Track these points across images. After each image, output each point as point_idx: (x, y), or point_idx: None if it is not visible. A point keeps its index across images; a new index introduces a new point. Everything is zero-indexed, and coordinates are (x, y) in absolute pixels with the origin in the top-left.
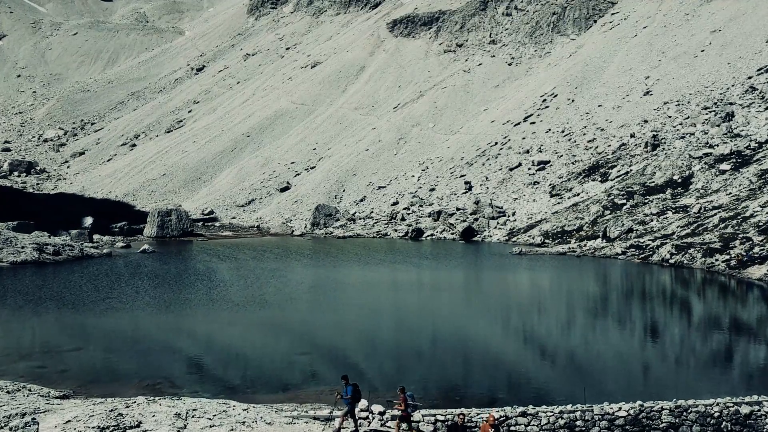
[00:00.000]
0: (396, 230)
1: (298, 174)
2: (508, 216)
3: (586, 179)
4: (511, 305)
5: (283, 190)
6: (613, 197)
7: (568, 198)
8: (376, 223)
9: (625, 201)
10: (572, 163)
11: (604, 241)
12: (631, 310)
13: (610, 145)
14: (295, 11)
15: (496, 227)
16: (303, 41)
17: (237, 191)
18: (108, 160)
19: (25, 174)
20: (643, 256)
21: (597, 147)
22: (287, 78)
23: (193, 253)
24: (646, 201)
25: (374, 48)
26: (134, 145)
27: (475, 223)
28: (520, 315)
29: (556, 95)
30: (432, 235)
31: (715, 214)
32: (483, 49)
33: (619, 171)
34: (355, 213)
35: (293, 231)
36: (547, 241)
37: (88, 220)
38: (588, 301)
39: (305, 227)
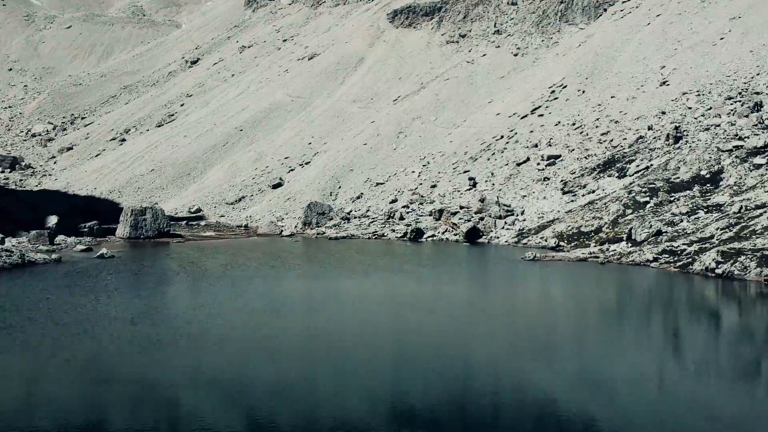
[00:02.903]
0: (394, 230)
1: (292, 170)
2: (517, 215)
3: (602, 175)
4: (539, 333)
5: (275, 186)
6: (634, 195)
7: (583, 195)
8: (372, 222)
9: (648, 199)
10: (585, 157)
11: (630, 244)
12: (683, 339)
13: (625, 138)
14: (292, 3)
15: (503, 227)
16: (300, 33)
17: (227, 188)
18: (96, 156)
19: (9, 170)
20: (680, 264)
21: (612, 140)
22: (283, 70)
23: (159, 259)
24: (672, 199)
25: (374, 39)
26: (124, 140)
27: (480, 222)
28: (553, 346)
29: (565, 86)
30: (433, 235)
31: (761, 214)
32: (487, 40)
33: (638, 166)
34: (350, 211)
35: (282, 231)
36: (562, 243)
37: (52, 220)
38: (630, 326)
39: (295, 227)
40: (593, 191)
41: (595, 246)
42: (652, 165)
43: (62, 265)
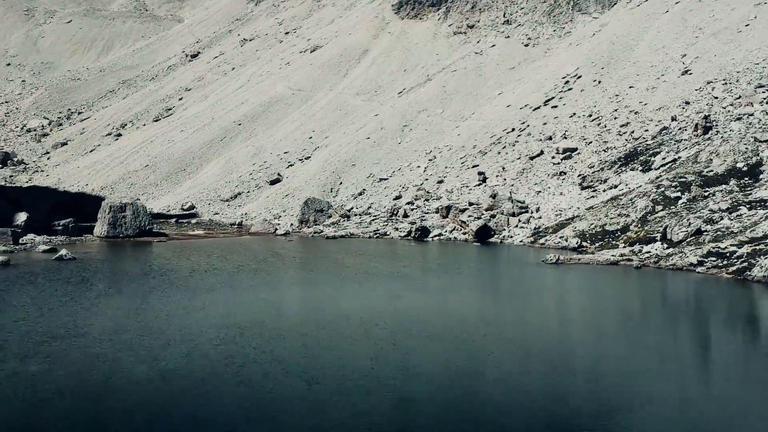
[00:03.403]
0: (397, 229)
1: (291, 165)
2: (532, 212)
3: (624, 168)
4: (581, 365)
5: (273, 182)
6: (663, 189)
7: (604, 191)
8: (374, 220)
9: (679, 194)
10: (604, 150)
11: (665, 245)
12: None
13: (647, 130)
14: None
15: (517, 225)
16: (303, 25)
17: (223, 184)
18: (91, 151)
19: (0, 165)
20: (734, 269)
21: (632, 132)
22: (285, 63)
23: (127, 262)
24: (707, 194)
25: (378, 31)
26: (119, 135)
27: (491, 220)
28: (601, 381)
29: (579, 76)
30: (440, 234)
31: None
32: (496, 30)
33: (664, 159)
34: (351, 208)
35: (276, 230)
36: (585, 243)
37: (21, 217)
38: (693, 351)
39: (290, 225)
40: (615, 186)
41: (624, 246)
42: (679, 157)
43: (5, 269)
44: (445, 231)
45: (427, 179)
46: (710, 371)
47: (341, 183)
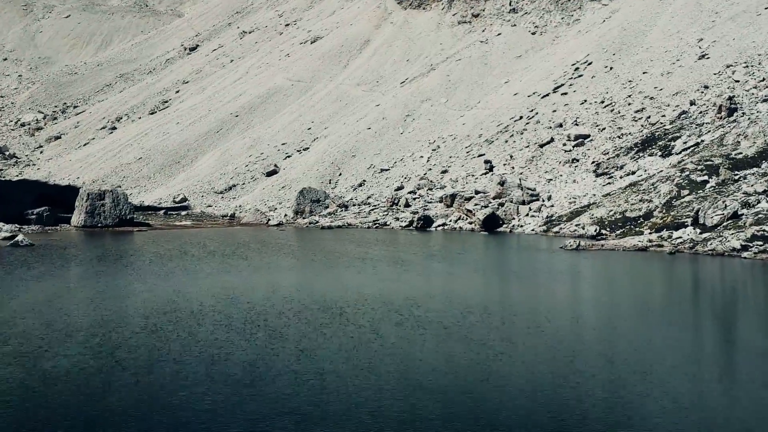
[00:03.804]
0: (398, 219)
1: (289, 156)
2: (543, 200)
3: (641, 154)
4: (632, 362)
5: (269, 174)
6: (688, 173)
7: (621, 177)
8: (373, 210)
9: (706, 177)
10: (618, 136)
11: (697, 229)
12: None
13: (664, 115)
14: None
15: (528, 214)
16: (304, 17)
17: (218, 176)
18: (84, 145)
19: None
20: None
21: (649, 117)
22: (284, 55)
23: (90, 250)
24: (737, 177)
25: (380, 21)
26: (114, 128)
27: (500, 209)
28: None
29: (590, 63)
30: (444, 224)
31: None
32: (502, 19)
33: (685, 143)
34: (351, 199)
35: (269, 220)
36: (604, 231)
37: None
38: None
39: (284, 216)
40: (633, 172)
41: (650, 233)
42: (702, 141)
43: None
44: (450, 221)
45: (430, 169)
46: None
47: (340, 174)
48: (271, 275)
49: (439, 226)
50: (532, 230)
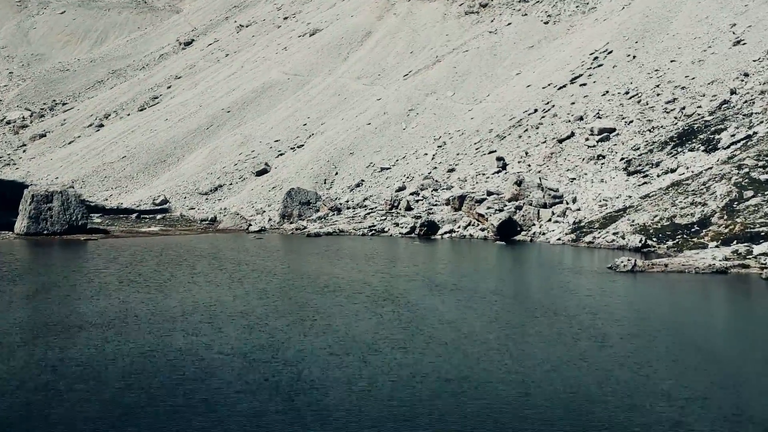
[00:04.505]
0: (398, 224)
1: (282, 154)
2: (568, 203)
3: (680, 149)
4: None
5: (259, 173)
6: (748, 170)
7: (659, 176)
8: (369, 214)
9: None
10: (649, 130)
11: None
12: None
13: (700, 106)
14: None
15: (551, 219)
16: (303, 10)
17: (204, 176)
18: (69, 143)
19: None
20: None
21: (683, 108)
22: (282, 48)
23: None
24: None
25: (383, 12)
26: (101, 126)
27: (517, 213)
28: None
29: (610, 51)
30: (451, 231)
31: None
32: (512, 8)
33: (733, 135)
34: (347, 201)
35: (249, 226)
36: (651, 242)
37: None
38: None
39: (268, 221)
40: (672, 170)
41: (716, 245)
42: (755, 133)
43: None
44: (458, 227)
45: (435, 168)
46: None
47: (337, 174)
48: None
49: (445, 233)
50: (558, 239)
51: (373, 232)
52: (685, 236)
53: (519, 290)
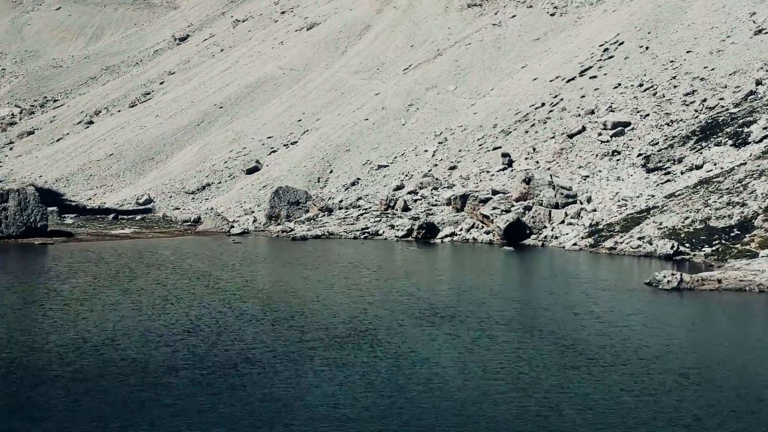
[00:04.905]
0: (393, 227)
1: (274, 151)
2: (582, 203)
3: (705, 144)
4: None
5: (250, 171)
6: None
7: (682, 172)
8: (363, 215)
9: None
10: (667, 124)
11: None
12: None
13: (723, 98)
14: None
15: (564, 221)
16: (301, 4)
17: (192, 174)
18: (58, 140)
19: None
20: None
21: (704, 101)
22: (278, 43)
23: None
24: None
25: (382, 5)
26: (91, 123)
27: (526, 214)
28: None
29: (621, 43)
30: (453, 234)
31: None
32: (517, 0)
33: (765, 128)
34: (341, 201)
35: (231, 228)
36: (683, 248)
37: None
38: None
39: (253, 222)
40: (698, 166)
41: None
42: None
43: None
44: (460, 229)
45: (436, 165)
46: None
47: (331, 172)
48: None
49: (446, 236)
50: (574, 244)
51: (366, 234)
52: (724, 242)
53: (540, 320)
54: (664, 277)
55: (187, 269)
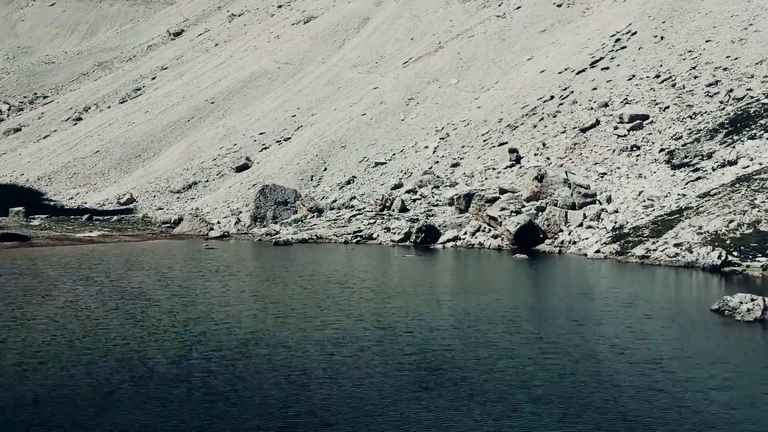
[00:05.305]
0: (389, 229)
1: (266, 148)
2: (602, 203)
3: (736, 137)
4: None
5: (239, 169)
6: None
7: (714, 169)
8: (355, 216)
9: None
10: (690, 116)
11: None
12: None
13: (750, 88)
14: None
15: (582, 224)
16: None
17: (179, 172)
18: (45, 137)
19: None
20: None
21: (731, 91)
22: (274, 36)
23: None
24: None
25: None
26: (79, 119)
27: (539, 216)
28: None
29: (634, 33)
30: (456, 239)
31: None
32: None
33: None
34: (335, 200)
35: (210, 230)
36: (732, 257)
37: None
38: None
39: (235, 224)
40: (732, 162)
41: None
42: None
43: None
44: (465, 233)
45: (437, 162)
46: None
47: (326, 169)
48: None
49: (448, 241)
50: (597, 251)
51: (359, 238)
52: None
53: (588, 386)
54: (741, 302)
55: (119, 286)
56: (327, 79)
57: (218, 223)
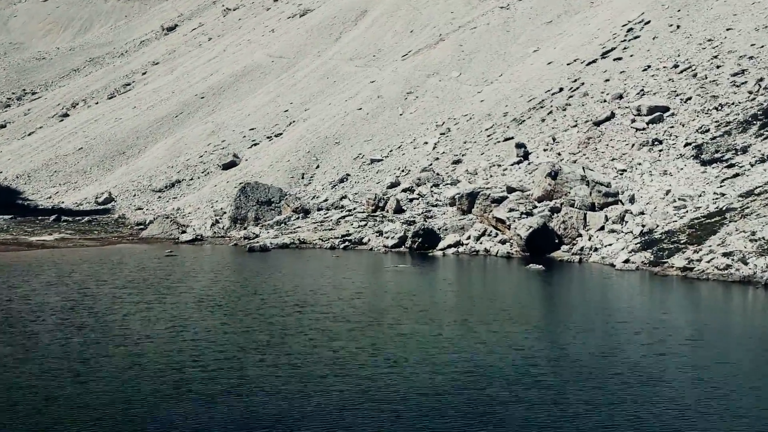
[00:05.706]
0: (382, 233)
1: (256, 144)
2: (624, 203)
3: None
4: None
5: (226, 167)
6: None
7: (753, 165)
8: (344, 218)
9: None
10: (716, 108)
11: None
12: None
13: None
14: None
15: (604, 227)
16: None
17: (163, 170)
18: (30, 134)
19: None
20: None
21: (762, 80)
22: (269, 30)
23: None
24: None
25: None
26: (66, 115)
27: (553, 218)
28: None
29: (648, 22)
30: (458, 244)
31: None
32: None
33: None
34: (326, 200)
35: (182, 233)
36: None
37: None
38: None
39: (211, 226)
40: None
41: None
42: None
43: None
44: (468, 237)
45: (437, 158)
46: None
47: (318, 167)
48: None
49: (449, 246)
50: (626, 261)
51: (347, 243)
52: None
53: None
54: None
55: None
56: (322, 73)
57: (190, 225)
